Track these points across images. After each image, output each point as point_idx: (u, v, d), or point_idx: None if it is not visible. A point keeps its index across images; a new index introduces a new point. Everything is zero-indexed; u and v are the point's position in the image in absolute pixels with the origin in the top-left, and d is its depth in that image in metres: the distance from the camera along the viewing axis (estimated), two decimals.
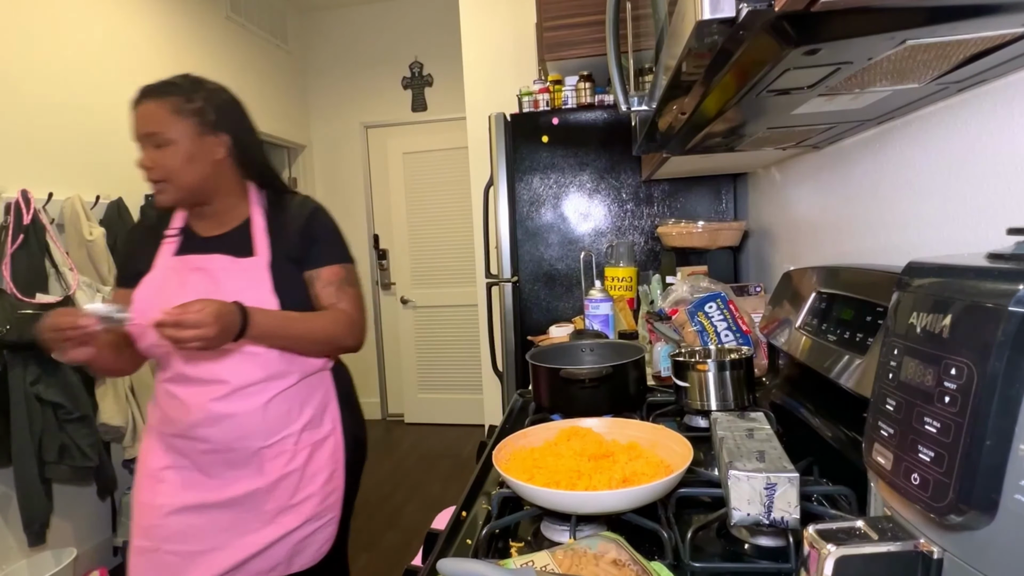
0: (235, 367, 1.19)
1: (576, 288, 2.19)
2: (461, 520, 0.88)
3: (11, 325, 2.11)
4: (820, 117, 0.89)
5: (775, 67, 0.59)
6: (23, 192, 2.27)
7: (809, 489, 0.78)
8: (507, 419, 1.31)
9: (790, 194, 1.50)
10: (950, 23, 0.51)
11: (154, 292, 1.21)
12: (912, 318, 0.44)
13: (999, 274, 0.38)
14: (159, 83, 1.20)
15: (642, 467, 0.80)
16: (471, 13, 3.06)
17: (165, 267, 1.23)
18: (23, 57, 2.44)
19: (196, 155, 1.19)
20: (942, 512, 0.38)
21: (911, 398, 0.42)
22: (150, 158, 1.18)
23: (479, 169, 3.04)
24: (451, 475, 3.53)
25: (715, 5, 0.48)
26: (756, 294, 1.54)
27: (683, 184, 2.09)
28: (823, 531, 0.44)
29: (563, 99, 2.21)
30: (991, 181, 0.72)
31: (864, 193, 1.07)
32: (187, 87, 1.21)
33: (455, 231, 4.39)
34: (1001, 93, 0.70)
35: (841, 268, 0.95)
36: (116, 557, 2.73)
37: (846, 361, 0.80)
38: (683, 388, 1.11)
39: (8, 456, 2.19)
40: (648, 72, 0.90)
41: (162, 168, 1.18)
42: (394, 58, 4.41)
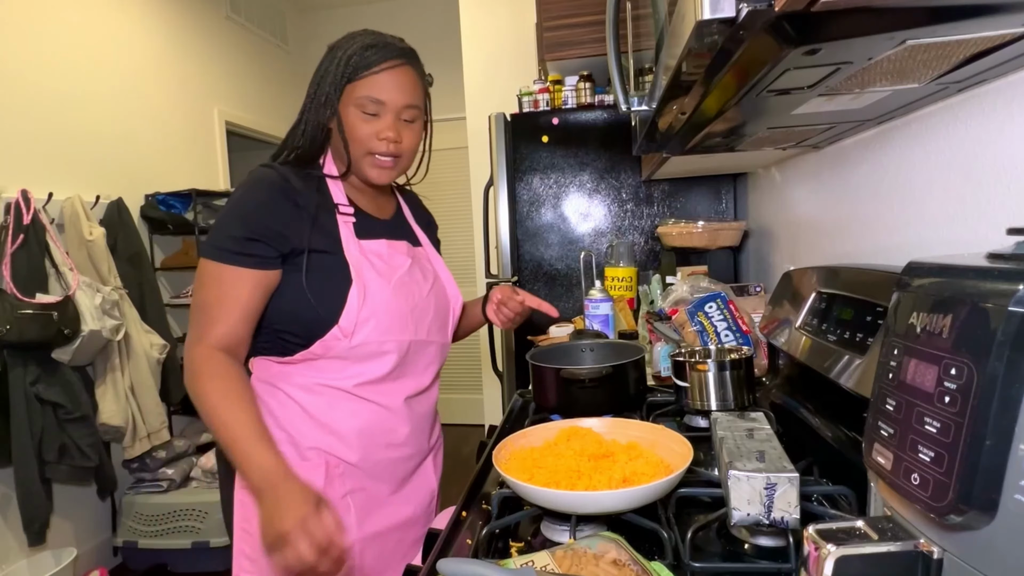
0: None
1: (576, 288, 2.19)
2: (461, 520, 0.88)
3: (11, 325, 2.10)
4: (820, 117, 0.89)
5: (775, 67, 0.59)
6: (23, 192, 2.27)
7: (809, 489, 0.78)
8: (507, 419, 1.31)
9: (790, 194, 1.50)
10: (950, 23, 0.51)
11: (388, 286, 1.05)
12: (912, 318, 0.44)
13: (999, 274, 0.38)
14: (410, 47, 1.06)
15: (642, 467, 0.80)
16: (471, 13, 3.06)
17: (365, 252, 1.05)
18: (23, 57, 2.44)
19: (421, 139, 1.11)
20: (942, 512, 0.38)
21: (911, 398, 0.42)
22: (397, 130, 1.03)
23: (479, 169, 3.04)
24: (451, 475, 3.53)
25: (715, 5, 0.48)
26: (756, 294, 1.54)
27: (683, 184, 2.09)
28: (823, 531, 0.44)
29: (563, 99, 2.21)
30: (991, 181, 0.72)
31: (864, 193, 1.07)
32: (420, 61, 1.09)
33: (455, 231, 4.39)
34: (1001, 93, 0.70)
35: (841, 268, 0.95)
36: (116, 557, 2.73)
37: (846, 361, 0.80)
38: (683, 388, 1.11)
39: (8, 456, 2.19)
40: (648, 72, 0.90)
41: (404, 145, 1.05)
42: None
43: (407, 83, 1.03)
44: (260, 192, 1.00)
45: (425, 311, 1.11)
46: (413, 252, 1.15)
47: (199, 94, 3.44)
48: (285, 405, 1.03)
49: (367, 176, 1.06)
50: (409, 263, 1.11)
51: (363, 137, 1.02)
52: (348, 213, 1.07)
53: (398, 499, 1.11)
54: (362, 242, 1.06)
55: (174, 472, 2.69)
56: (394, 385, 1.07)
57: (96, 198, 2.63)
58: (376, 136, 1.02)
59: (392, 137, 1.02)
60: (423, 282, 1.13)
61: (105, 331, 2.34)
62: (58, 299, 2.22)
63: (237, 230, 0.97)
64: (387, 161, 1.05)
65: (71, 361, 2.29)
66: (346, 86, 1.01)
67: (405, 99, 1.03)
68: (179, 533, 2.59)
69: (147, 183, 2.96)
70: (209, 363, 0.94)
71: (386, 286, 1.05)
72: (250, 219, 0.98)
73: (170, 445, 2.74)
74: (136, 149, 2.94)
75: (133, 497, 2.66)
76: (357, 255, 1.04)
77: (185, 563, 2.61)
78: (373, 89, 1.00)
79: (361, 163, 1.05)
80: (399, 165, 1.08)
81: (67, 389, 2.30)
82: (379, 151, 1.03)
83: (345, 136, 1.03)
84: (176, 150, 3.23)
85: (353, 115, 1.02)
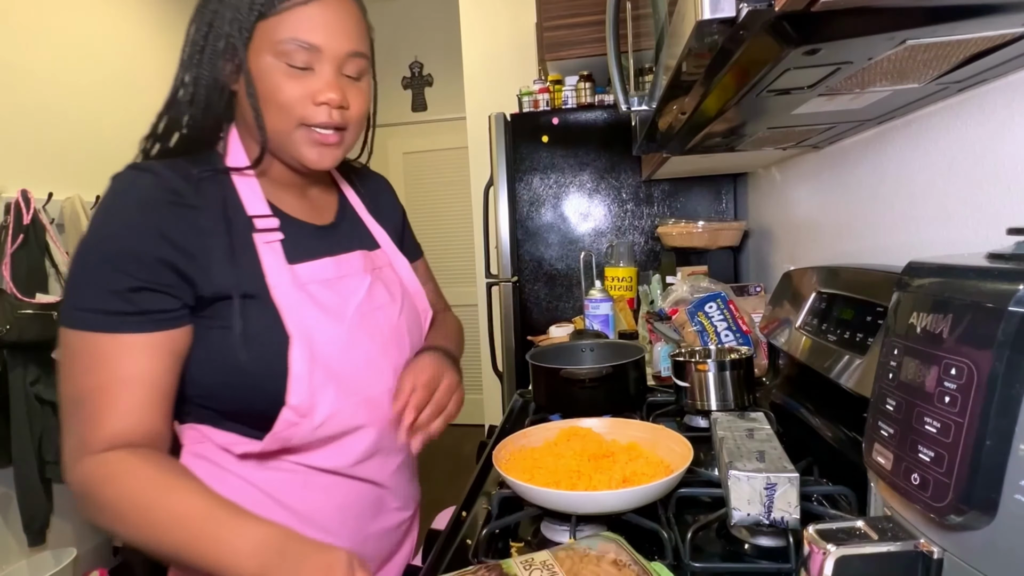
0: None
1: (576, 288, 2.19)
2: (461, 520, 0.88)
3: (11, 325, 2.11)
4: (820, 117, 0.89)
5: (775, 67, 0.59)
6: (23, 192, 2.27)
7: (809, 489, 0.78)
8: (507, 419, 1.31)
9: (790, 194, 1.50)
10: (950, 23, 0.51)
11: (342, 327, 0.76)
12: (912, 318, 0.44)
13: (999, 274, 0.38)
14: None
15: (642, 467, 0.80)
16: (471, 13, 3.06)
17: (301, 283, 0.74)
18: (23, 57, 2.44)
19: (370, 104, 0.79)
20: (942, 512, 0.38)
21: (911, 398, 0.42)
22: (341, 90, 0.72)
23: (479, 169, 3.04)
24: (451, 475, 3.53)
25: (715, 5, 0.48)
26: (756, 294, 1.54)
27: (683, 184, 2.09)
28: (823, 531, 0.44)
29: (563, 99, 2.21)
30: (991, 181, 0.72)
31: (864, 193, 1.07)
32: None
33: (455, 231, 4.39)
34: (1001, 93, 0.70)
35: (841, 268, 0.95)
36: (116, 557, 2.73)
37: (846, 361, 0.80)
38: (683, 388, 1.11)
39: (8, 456, 2.19)
40: (648, 72, 0.90)
41: (352, 111, 0.75)
42: (394, 58, 4.41)
43: (349, 21, 0.72)
44: (133, 213, 0.67)
45: (399, 344, 0.83)
46: (371, 261, 0.85)
47: None
48: (239, 492, 0.72)
49: (301, 159, 0.74)
50: (368, 283, 0.81)
51: (291, 101, 0.70)
52: (271, 228, 0.74)
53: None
54: (297, 268, 0.74)
55: None
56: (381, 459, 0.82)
57: (96, 198, 2.62)
58: (312, 99, 0.71)
59: (336, 99, 0.71)
60: (390, 303, 0.84)
61: None
62: (58, 299, 2.22)
63: (110, 278, 0.64)
64: (330, 136, 0.73)
65: None
66: (257, 24, 0.69)
67: (349, 43, 0.72)
68: None
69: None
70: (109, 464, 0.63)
71: (339, 327, 0.75)
72: (126, 258, 0.65)
73: None
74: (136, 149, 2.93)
75: None
76: (291, 292, 0.72)
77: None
78: (301, 29, 0.68)
79: (290, 141, 0.73)
80: (345, 141, 0.77)
81: None
82: (318, 121, 0.72)
83: (259, 102, 0.70)
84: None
85: (272, 69, 0.69)
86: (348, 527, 0.79)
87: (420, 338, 0.91)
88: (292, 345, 0.70)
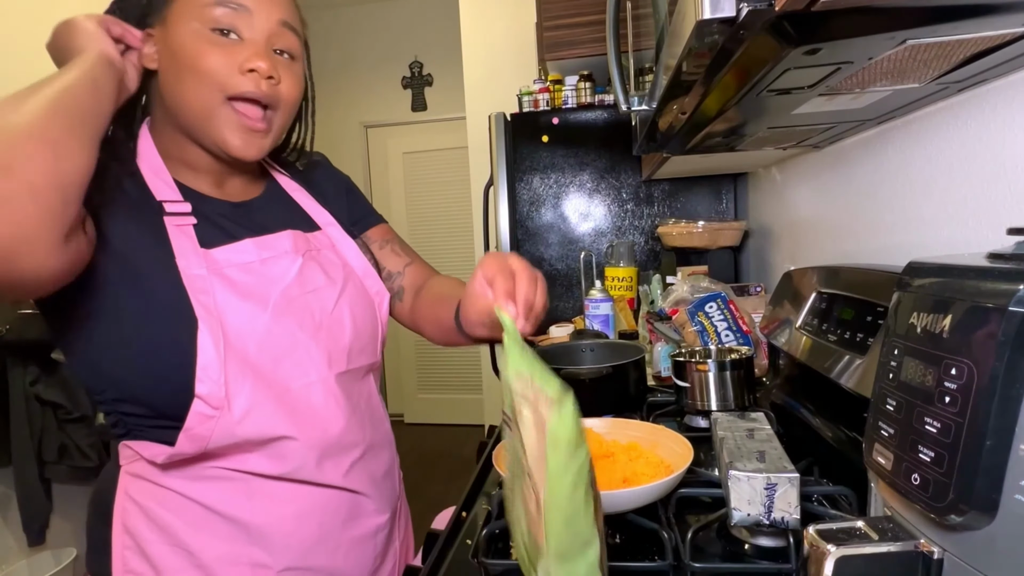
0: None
1: (576, 288, 2.19)
2: (461, 520, 0.87)
3: (11, 325, 2.11)
4: (820, 117, 0.89)
5: (775, 67, 0.59)
6: None
7: (809, 489, 0.78)
8: None
9: (790, 194, 1.50)
10: (950, 23, 0.51)
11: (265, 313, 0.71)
12: (912, 318, 0.44)
13: (999, 274, 0.38)
14: None
15: (642, 467, 0.80)
16: (471, 13, 3.06)
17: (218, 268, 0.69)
18: (23, 57, 2.44)
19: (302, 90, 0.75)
20: (942, 512, 0.38)
21: (911, 398, 0.42)
22: (271, 61, 0.67)
23: (479, 169, 3.04)
24: (451, 475, 3.53)
25: (715, 5, 0.48)
26: (756, 294, 1.54)
27: (683, 184, 2.09)
28: (823, 531, 0.44)
29: (563, 99, 2.21)
30: (991, 181, 0.72)
31: (864, 193, 1.07)
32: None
33: (455, 231, 4.39)
34: (1001, 93, 0.70)
35: (841, 268, 0.95)
36: None
37: (846, 361, 0.80)
38: (683, 388, 1.10)
39: (8, 456, 2.19)
40: (648, 72, 0.90)
41: (283, 88, 0.70)
42: (394, 58, 4.41)
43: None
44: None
45: (337, 330, 0.77)
46: (306, 242, 0.79)
47: None
48: (178, 509, 0.69)
49: (224, 145, 0.68)
50: (299, 264, 0.75)
51: (215, 68, 0.65)
52: (182, 212, 0.69)
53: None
54: (213, 252, 0.69)
55: None
56: (333, 461, 0.75)
57: None
58: (239, 67, 0.65)
59: (265, 68, 0.66)
60: (327, 286, 0.78)
61: None
62: None
63: None
64: (257, 120, 0.68)
65: None
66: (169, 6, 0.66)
67: (280, 11, 0.68)
68: None
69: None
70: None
71: (259, 312, 0.70)
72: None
73: None
74: None
75: None
76: (202, 275, 0.67)
77: None
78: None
79: (213, 122, 0.67)
80: (273, 128, 0.71)
81: (67, 389, 2.30)
82: (243, 89, 0.66)
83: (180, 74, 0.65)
84: None
85: (196, 35, 0.65)
86: (311, 537, 0.73)
87: (373, 323, 0.83)
88: (199, 329, 0.64)
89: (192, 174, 0.74)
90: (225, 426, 0.66)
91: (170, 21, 0.66)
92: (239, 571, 0.70)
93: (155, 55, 0.68)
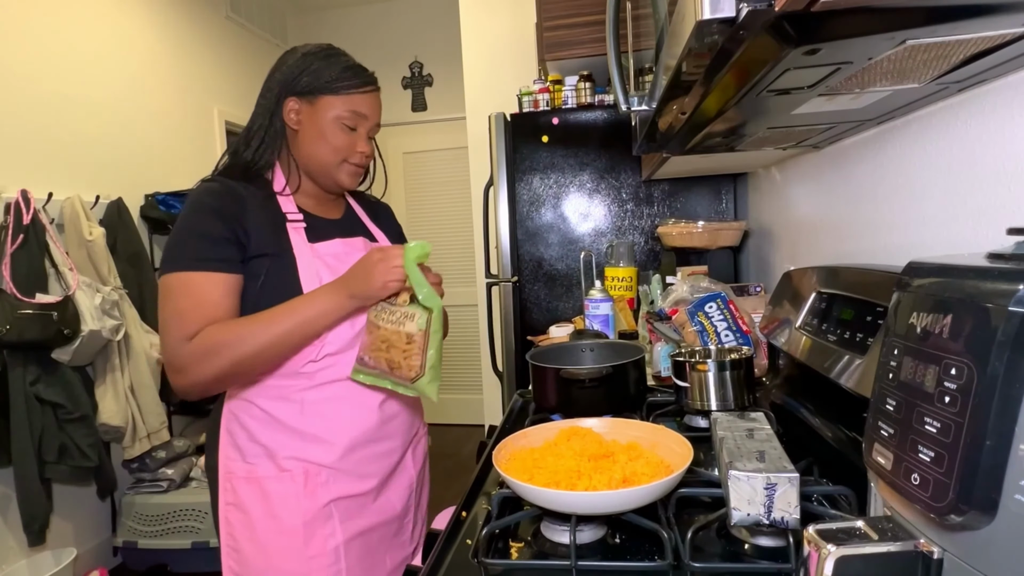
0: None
1: (576, 288, 2.19)
2: (461, 520, 0.88)
3: (11, 325, 2.10)
4: (820, 117, 0.89)
5: (775, 67, 0.59)
6: (23, 192, 2.27)
7: (809, 489, 0.78)
8: (507, 419, 1.31)
9: (790, 194, 1.50)
10: (950, 23, 0.51)
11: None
12: (912, 318, 0.44)
13: (999, 274, 0.38)
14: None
15: (642, 467, 0.80)
16: (471, 13, 3.06)
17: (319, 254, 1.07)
18: (23, 57, 2.44)
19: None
20: (942, 512, 0.38)
21: (911, 398, 0.42)
22: (371, 150, 1.14)
23: (479, 169, 3.04)
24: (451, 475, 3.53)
25: (715, 5, 0.48)
26: (756, 294, 1.54)
27: (683, 184, 2.09)
28: (823, 531, 0.44)
29: (563, 99, 2.21)
30: (991, 181, 0.72)
31: (864, 193, 1.07)
32: None
33: (455, 231, 4.39)
34: (1001, 93, 0.70)
35: (841, 268, 0.95)
36: (116, 557, 2.73)
37: (846, 361, 0.80)
38: (683, 388, 1.10)
39: (8, 456, 2.19)
40: (648, 72, 0.90)
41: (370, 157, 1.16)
42: (394, 58, 4.41)
43: (380, 107, 1.14)
44: (211, 199, 1.01)
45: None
46: (370, 247, 1.13)
47: (199, 94, 3.44)
48: (259, 419, 1.04)
49: (341, 182, 1.11)
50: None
51: (343, 146, 1.08)
52: (298, 220, 1.08)
53: (381, 499, 1.12)
54: (315, 245, 1.07)
55: (174, 472, 2.69)
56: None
57: (96, 198, 2.63)
58: (354, 147, 1.09)
59: (369, 151, 1.12)
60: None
61: (105, 331, 2.34)
62: (58, 299, 2.22)
63: (198, 239, 0.99)
64: (360, 170, 1.14)
65: (71, 361, 2.29)
66: (321, 98, 1.06)
67: (377, 118, 1.13)
68: (179, 533, 2.59)
69: (147, 183, 2.95)
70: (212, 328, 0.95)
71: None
72: (208, 226, 0.99)
73: (170, 445, 2.74)
74: (136, 149, 2.94)
75: (133, 497, 2.66)
76: (309, 258, 1.05)
77: (185, 563, 2.61)
78: (360, 105, 1.08)
79: (336, 170, 1.10)
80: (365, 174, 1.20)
81: (67, 389, 2.30)
82: (355, 162, 1.11)
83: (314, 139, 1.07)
84: (176, 150, 3.23)
85: (335, 123, 1.07)
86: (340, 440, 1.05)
87: None
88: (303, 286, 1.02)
89: (303, 198, 1.13)
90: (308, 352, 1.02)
91: (319, 107, 1.06)
92: (296, 464, 1.03)
93: (298, 121, 1.08)
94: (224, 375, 0.96)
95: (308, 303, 0.97)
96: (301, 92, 1.06)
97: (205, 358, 0.95)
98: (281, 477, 1.03)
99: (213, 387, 0.99)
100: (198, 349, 0.95)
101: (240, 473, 1.05)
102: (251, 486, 1.04)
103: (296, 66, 1.07)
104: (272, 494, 1.03)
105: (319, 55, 1.08)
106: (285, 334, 0.96)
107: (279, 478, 1.03)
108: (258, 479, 1.04)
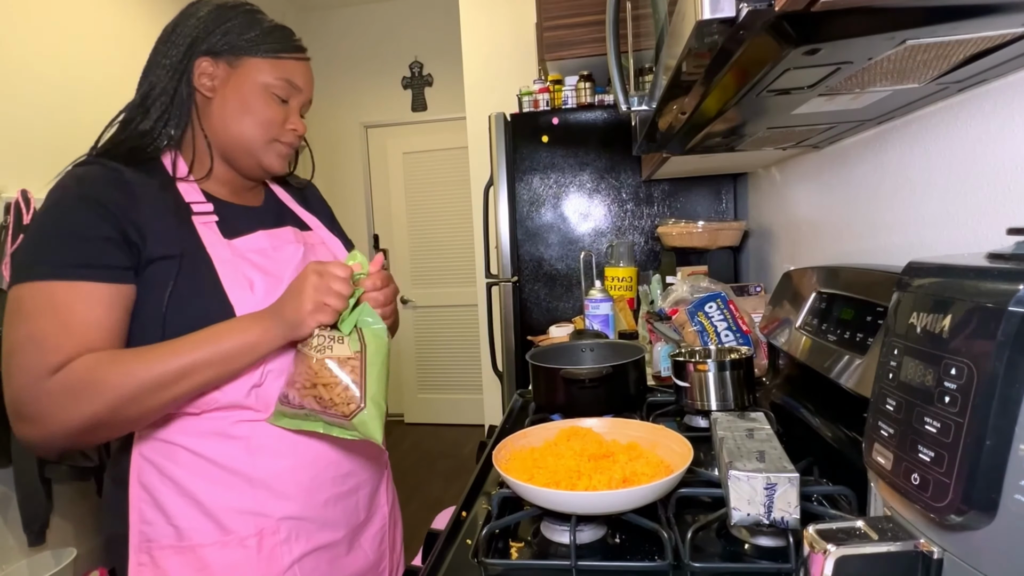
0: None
1: (576, 288, 2.19)
2: (461, 520, 0.88)
3: None
4: (820, 117, 0.89)
5: (775, 67, 0.59)
6: (23, 192, 2.27)
7: (809, 489, 0.78)
8: (507, 419, 1.31)
9: (790, 194, 1.50)
10: (950, 23, 0.51)
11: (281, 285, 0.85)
12: (912, 318, 0.44)
13: (999, 274, 0.38)
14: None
15: (642, 467, 0.80)
16: (471, 13, 3.06)
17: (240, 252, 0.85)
18: (23, 57, 2.44)
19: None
20: (942, 512, 0.38)
21: (911, 398, 0.42)
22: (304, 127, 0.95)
23: (479, 169, 3.04)
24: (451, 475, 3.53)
25: (715, 5, 0.48)
26: (756, 294, 1.54)
27: (683, 184, 2.09)
28: (823, 531, 0.44)
29: (563, 99, 2.21)
30: (991, 181, 0.72)
31: (864, 193, 1.07)
32: None
33: (455, 231, 4.39)
34: (1001, 93, 0.70)
35: (841, 268, 0.95)
36: None
37: (846, 361, 0.80)
38: (683, 388, 1.10)
39: (8, 456, 2.19)
40: (648, 72, 0.90)
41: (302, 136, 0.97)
42: (394, 58, 4.41)
43: (313, 81, 0.95)
44: (89, 187, 0.77)
45: None
46: (303, 237, 0.96)
47: None
48: (187, 465, 0.79)
49: (268, 166, 0.90)
50: (302, 251, 0.92)
51: (272, 120, 0.87)
52: (206, 212, 0.85)
53: (354, 548, 0.93)
54: (233, 241, 0.85)
55: None
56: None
57: None
58: (285, 123, 0.90)
59: (303, 129, 0.93)
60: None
61: None
62: None
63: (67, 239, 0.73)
64: (291, 151, 0.94)
65: None
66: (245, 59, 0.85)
67: (311, 93, 0.94)
68: None
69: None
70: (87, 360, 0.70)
71: (277, 285, 0.84)
72: (82, 222, 0.74)
73: None
74: None
75: None
76: (228, 257, 0.83)
77: None
78: (294, 74, 0.88)
79: (262, 150, 0.89)
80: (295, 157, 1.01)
81: None
82: (287, 140, 0.91)
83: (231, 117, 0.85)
84: None
85: (260, 94, 0.86)
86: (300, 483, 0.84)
87: None
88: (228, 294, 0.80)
89: (213, 184, 0.91)
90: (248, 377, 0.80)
91: (241, 70, 0.85)
92: (246, 521, 0.80)
93: (212, 87, 0.86)
94: (98, 423, 0.70)
95: (227, 332, 0.75)
96: (218, 52, 0.84)
97: (73, 399, 0.69)
98: (226, 542, 0.79)
99: (80, 439, 0.71)
100: (63, 386, 0.69)
101: (164, 541, 0.78)
102: (182, 558, 0.78)
103: (210, 19, 0.84)
104: (214, 567, 0.78)
105: (239, 8, 0.87)
106: (192, 368, 0.72)
107: (223, 544, 0.78)
108: (193, 548, 0.78)
